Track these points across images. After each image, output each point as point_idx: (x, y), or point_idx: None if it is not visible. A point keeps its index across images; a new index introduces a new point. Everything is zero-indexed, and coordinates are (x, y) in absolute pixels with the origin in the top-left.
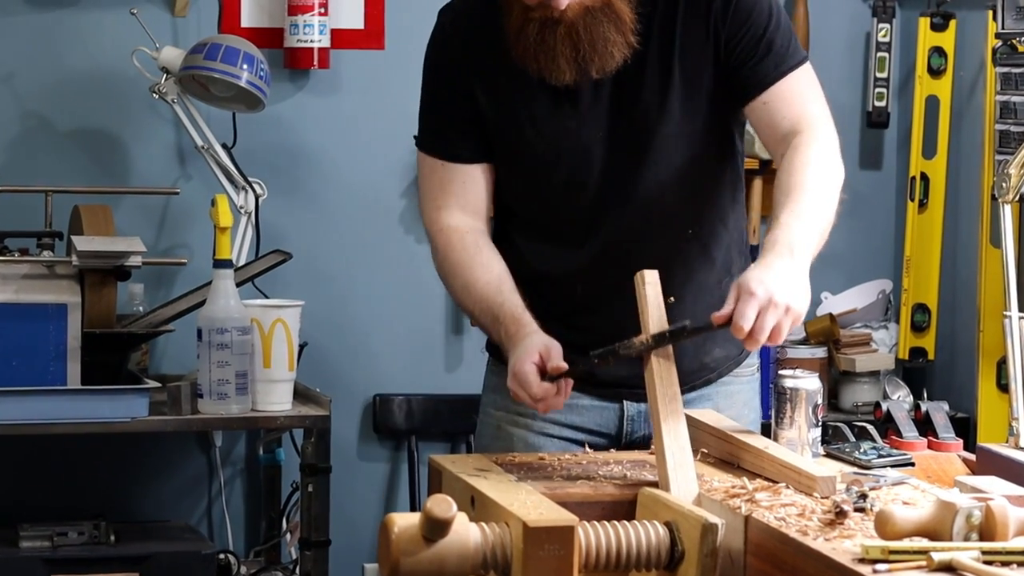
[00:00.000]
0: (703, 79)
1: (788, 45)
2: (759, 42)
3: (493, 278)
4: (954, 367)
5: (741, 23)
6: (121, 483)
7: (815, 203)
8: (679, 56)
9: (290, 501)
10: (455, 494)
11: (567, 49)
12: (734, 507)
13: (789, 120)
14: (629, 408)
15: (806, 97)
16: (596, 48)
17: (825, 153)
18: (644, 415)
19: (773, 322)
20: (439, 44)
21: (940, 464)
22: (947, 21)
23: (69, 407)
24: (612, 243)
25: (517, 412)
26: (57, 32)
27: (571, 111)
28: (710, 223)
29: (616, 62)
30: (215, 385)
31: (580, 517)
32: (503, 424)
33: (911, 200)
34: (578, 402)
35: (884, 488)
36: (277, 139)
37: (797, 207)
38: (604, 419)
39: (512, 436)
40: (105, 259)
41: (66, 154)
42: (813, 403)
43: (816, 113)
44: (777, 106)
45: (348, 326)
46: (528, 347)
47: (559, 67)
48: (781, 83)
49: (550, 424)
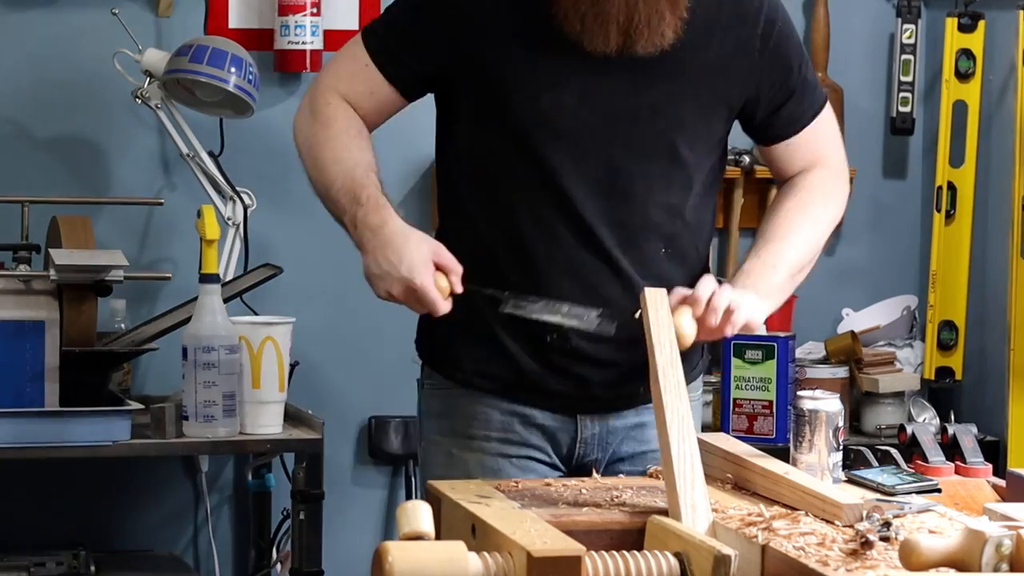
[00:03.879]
0: (727, 97)
1: (815, 83)
2: (795, 79)
3: (365, 161)
4: (983, 388)
5: (783, 50)
6: (102, 510)
7: (794, 249)
8: (705, 62)
9: (280, 529)
10: (455, 522)
11: (622, 16)
12: (750, 536)
13: (806, 162)
14: (583, 428)
15: (826, 140)
16: (651, 24)
17: (825, 196)
18: (597, 438)
19: (727, 303)
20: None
21: (968, 490)
22: (976, 22)
23: (47, 430)
24: (584, 233)
25: (468, 436)
26: (34, 33)
27: (576, 88)
28: (688, 239)
29: (665, 42)
30: (201, 407)
31: (587, 546)
32: (455, 450)
33: (937, 211)
34: (532, 419)
35: (909, 516)
36: (267, 146)
37: (778, 247)
38: (559, 437)
39: (467, 463)
40: (85, 273)
41: (44, 162)
42: (834, 426)
43: (831, 154)
44: (797, 150)
45: (342, 344)
46: (419, 253)
47: (607, 34)
48: (806, 130)
49: (507, 444)
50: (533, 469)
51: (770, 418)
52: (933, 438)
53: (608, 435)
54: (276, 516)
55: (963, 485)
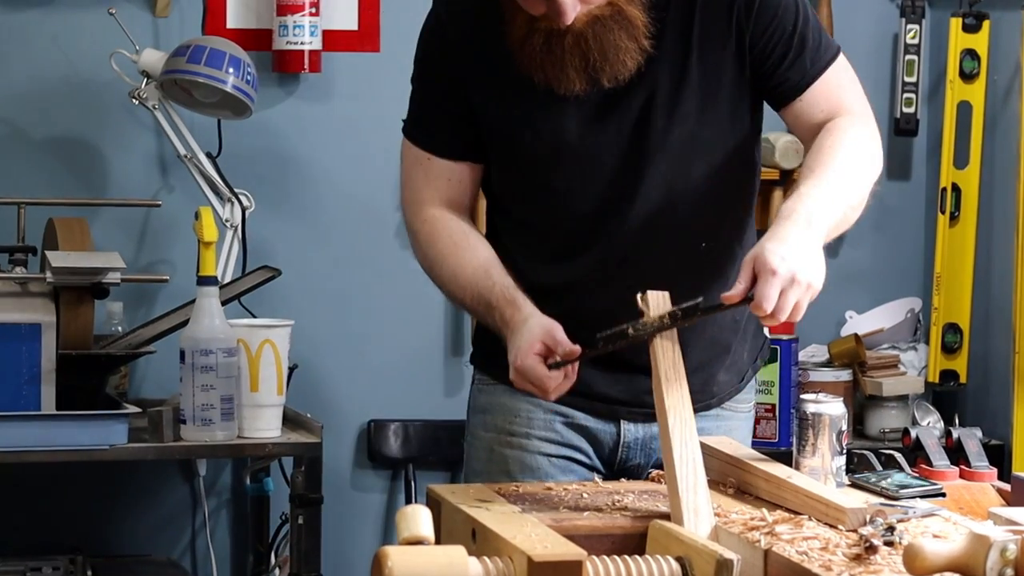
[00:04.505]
0: (722, 82)
1: (820, 40)
2: (790, 40)
3: (482, 262)
4: (988, 391)
5: (768, 21)
6: (99, 515)
7: (841, 180)
8: (696, 58)
9: (279, 534)
10: (455, 526)
11: (576, 59)
12: (753, 540)
13: (826, 112)
14: (626, 432)
15: (844, 89)
16: (607, 57)
17: (861, 137)
18: (641, 442)
19: (795, 300)
20: (434, 34)
21: (973, 495)
22: (980, 22)
23: (43, 433)
24: (615, 255)
25: (510, 432)
26: (30, 33)
27: (573, 112)
28: (725, 238)
29: (629, 70)
30: (199, 410)
31: (588, 551)
32: (496, 447)
33: (942, 213)
34: (574, 420)
35: (913, 520)
36: (265, 147)
37: (820, 180)
38: (601, 439)
39: (507, 459)
40: (82, 276)
41: (40, 164)
42: (837, 429)
43: (854, 102)
44: (814, 101)
45: (341, 347)
46: (528, 337)
47: (568, 77)
48: (818, 82)
49: (547, 443)
50: (572, 470)
51: (773, 422)
52: (937, 442)
53: (652, 440)
54: (275, 521)
55: (968, 489)
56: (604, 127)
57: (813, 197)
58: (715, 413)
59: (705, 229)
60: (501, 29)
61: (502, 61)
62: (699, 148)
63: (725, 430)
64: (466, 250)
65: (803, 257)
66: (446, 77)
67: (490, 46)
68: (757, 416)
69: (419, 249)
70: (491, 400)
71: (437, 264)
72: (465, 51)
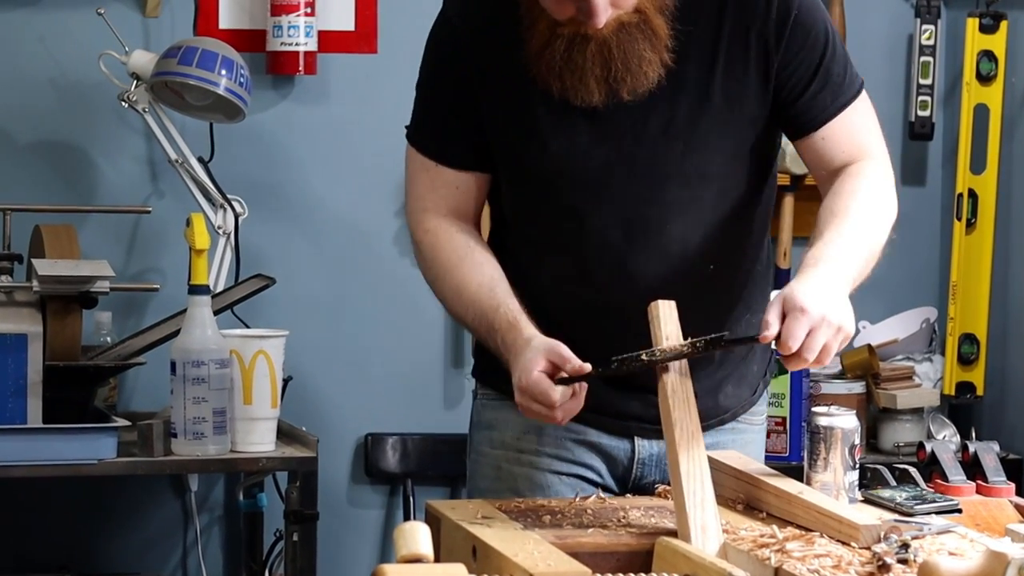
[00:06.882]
0: (745, 103)
1: (845, 73)
2: (815, 72)
3: (486, 280)
4: (1005, 404)
5: (797, 49)
6: (87, 531)
7: (862, 229)
8: (721, 77)
9: (273, 551)
10: (455, 544)
11: (597, 68)
12: (763, 558)
13: (845, 155)
14: (641, 448)
15: (864, 130)
16: (630, 68)
17: (879, 185)
18: (656, 458)
19: (823, 341)
20: (443, 36)
21: (990, 511)
22: (998, 22)
23: (30, 447)
24: (621, 275)
25: (518, 449)
26: (16, 34)
27: (586, 127)
28: (735, 258)
29: (650, 82)
30: (190, 423)
31: (593, 569)
32: (504, 464)
33: (958, 219)
34: (585, 437)
35: (928, 537)
36: (259, 152)
37: (843, 227)
38: (615, 456)
39: (516, 476)
40: (69, 284)
41: (26, 169)
42: (850, 443)
43: (873, 146)
44: (834, 141)
45: (337, 358)
46: (531, 355)
47: (587, 88)
48: (839, 118)
49: (558, 461)
50: (583, 489)
51: (783, 435)
52: (953, 456)
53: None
54: (268, 537)
55: (984, 505)
56: (618, 146)
57: (837, 244)
58: (730, 427)
59: (715, 250)
60: (516, 34)
61: (514, 68)
62: (716, 170)
63: (740, 443)
64: (471, 266)
65: (833, 299)
66: (454, 82)
67: (503, 52)
68: (767, 429)
69: (422, 261)
70: (497, 415)
71: (439, 279)
72: (476, 56)
